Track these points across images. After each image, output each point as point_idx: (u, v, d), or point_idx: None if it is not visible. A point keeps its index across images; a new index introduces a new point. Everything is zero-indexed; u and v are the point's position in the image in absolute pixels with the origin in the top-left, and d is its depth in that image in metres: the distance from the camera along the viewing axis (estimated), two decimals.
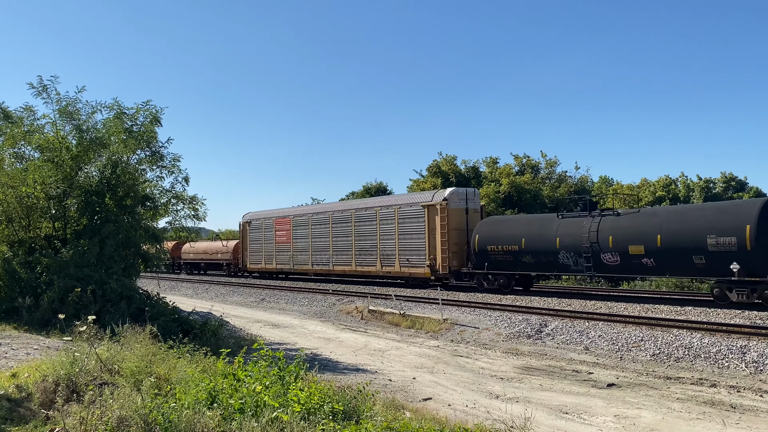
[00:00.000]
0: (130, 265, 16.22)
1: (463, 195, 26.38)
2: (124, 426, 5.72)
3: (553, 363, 13.26)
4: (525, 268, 22.57)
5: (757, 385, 10.84)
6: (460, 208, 25.94)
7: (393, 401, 8.56)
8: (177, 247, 48.78)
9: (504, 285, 23.10)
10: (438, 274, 25.58)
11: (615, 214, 20.16)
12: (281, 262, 35.52)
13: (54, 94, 15.82)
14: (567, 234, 20.89)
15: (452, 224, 25.44)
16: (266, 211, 39.64)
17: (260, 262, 37.49)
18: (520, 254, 22.21)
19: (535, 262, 21.95)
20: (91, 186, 16.08)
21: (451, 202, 25.71)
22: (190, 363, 8.54)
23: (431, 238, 25.82)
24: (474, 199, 26.79)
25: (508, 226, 23.61)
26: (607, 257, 19.62)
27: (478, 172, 45.86)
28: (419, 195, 28.56)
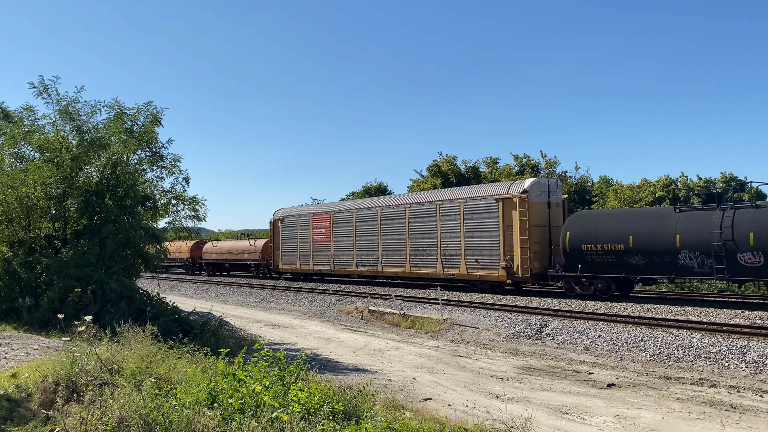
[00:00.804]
0: (130, 265, 16.22)
1: (545, 187, 23.22)
2: (124, 426, 5.72)
3: (553, 363, 13.26)
4: (632, 271, 19.38)
5: (757, 385, 10.84)
6: (542, 202, 22.77)
7: (393, 401, 8.56)
8: (197, 246, 47.64)
9: (602, 290, 20.09)
10: (516, 277, 22.49)
11: (753, 206, 17.46)
12: (319, 263, 32.57)
13: (54, 94, 15.84)
14: (690, 230, 17.92)
15: (533, 220, 22.25)
16: (302, 207, 37.62)
17: (294, 262, 34.65)
18: (626, 254, 19.13)
19: (646, 263, 18.81)
20: (91, 186, 16.09)
21: (532, 195, 22.49)
22: (191, 363, 8.55)
23: (507, 236, 22.71)
24: (556, 191, 23.63)
25: (609, 222, 20.43)
26: (746, 258, 16.80)
27: (478, 172, 45.85)
28: (491, 187, 25.11)
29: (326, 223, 32.22)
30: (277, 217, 36.75)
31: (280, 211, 37.48)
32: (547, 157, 43.71)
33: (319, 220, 32.90)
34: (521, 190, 22.66)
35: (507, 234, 22.78)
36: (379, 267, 28.75)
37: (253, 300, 28.60)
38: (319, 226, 32.82)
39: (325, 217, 32.51)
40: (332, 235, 31.62)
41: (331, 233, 31.74)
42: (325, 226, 32.34)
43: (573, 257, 20.74)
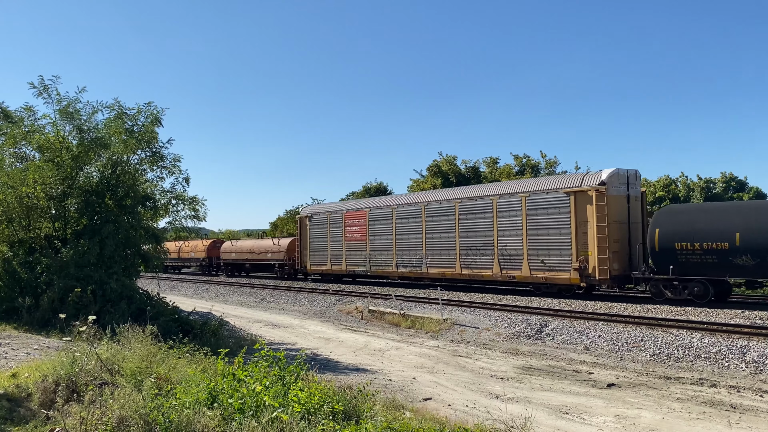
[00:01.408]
0: (130, 265, 16.22)
1: (624, 178, 20.53)
2: (125, 426, 5.72)
3: (553, 363, 13.25)
4: (737, 273, 17.27)
5: (757, 385, 10.84)
6: (621, 195, 20.34)
7: (393, 401, 8.55)
8: (214, 246, 45.89)
9: (699, 294, 17.84)
10: (591, 279, 20.24)
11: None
12: (354, 263, 30.18)
13: (55, 94, 15.85)
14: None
15: (612, 216, 19.87)
16: (333, 204, 35.32)
17: (324, 262, 32.26)
18: (731, 254, 16.96)
19: (757, 264, 16.61)
20: (92, 186, 16.09)
21: (611, 187, 20.07)
22: (191, 363, 8.55)
23: (581, 233, 20.35)
24: (635, 183, 20.96)
25: (709, 217, 18.02)
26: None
27: (478, 172, 45.84)
28: (560, 179, 22.48)
29: (361, 221, 29.80)
30: (305, 214, 34.34)
31: (308, 208, 35.58)
32: (547, 157, 43.67)
33: (352, 218, 30.50)
34: (598, 181, 20.21)
35: (580, 231, 20.44)
36: (423, 268, 26.21)
37: (253, 300, 28.60)
38: (352, 223, 30.42)
39: (360, 213, 30.03)
40: (368, 234, 29.22)
41: (366, 231, 29.32)
42: (359, 223, 29.92)
43: (663, 257, 18.41)
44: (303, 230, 34.16)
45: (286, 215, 60.34)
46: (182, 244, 47.76)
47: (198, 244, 46.39)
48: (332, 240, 31.85)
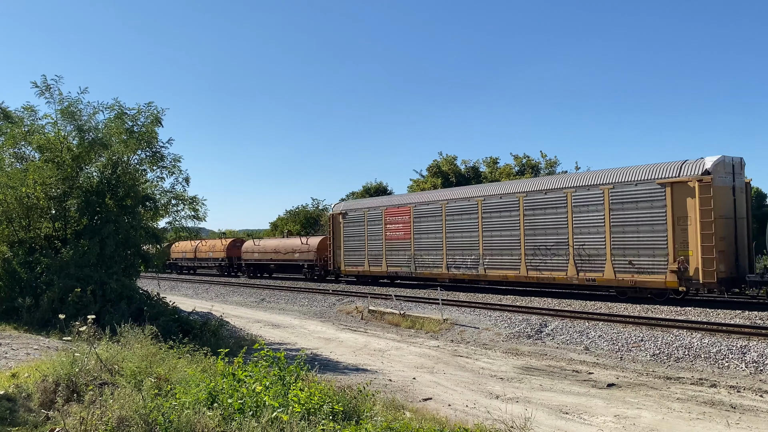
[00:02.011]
0: (130, 265, 16.23)
1: (730, 167, 18.16)
2: (125, 426, 5.72)
3: (553, 363, 13.25)
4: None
5: (757, 385, 10.84)
6: (726, 186, 17.97)
7: (393, 401, 8.55)
8: (234, 245, 43.73)
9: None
10: (693, 282, 17.76)
11: None
12: (395, 264, 27.79)
13: (57, 94, 15.88)
14: None
15: (718, 210, 17.49)
16: (370, 200, 32.95)
17: (361, 263, 29.88)
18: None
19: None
20: (92, 186, 16.09)
21: (717, 178, 17.61)
22: (190, 363, 8.55)
23: (678, 230, 17.93)
24: (741, 172, 18.52)
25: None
26: None
27: (478, 172, 45.86)
28: (651, 169, 19.41)
29: (404, 217, 27.38)
30: (339, 211, 31.57)
31: (342, 204, 32.76)
32: (547, 157, 43.72)
33: (394, 214, 28.07)
34: (701, 170, 17.68)
35: (678, 228, 17.99)
36: (480, 270, 23.75)
37: (253, 300, 28.60)
38: (394, 220, 27.97)
39: (403, 210, 27.59)
40: (413, 232, 26.81)
41: (411, 229, 26.90)
42: (402, 220, 27.50)
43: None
44: (336, 228, 31.51)
45: (286, 215, 60.31)
46: (199, 243, 46.33)
47: (216, 243, 45.10)
48: (370, 239, 29.32)
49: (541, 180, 24.37)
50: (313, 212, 58.40)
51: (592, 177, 21.03)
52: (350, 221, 30.84)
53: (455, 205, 25.29)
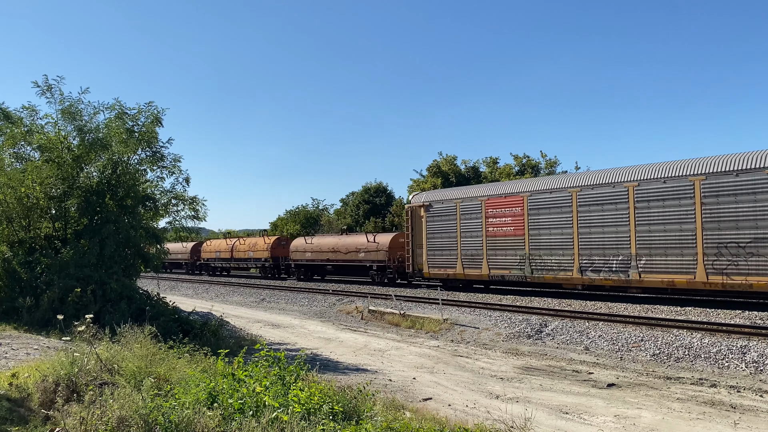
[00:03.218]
0: (130, 265, 16.23)
1: None
2: (125, 426, 5.72)
3: (553, 363, 13.25)
4: None
5: (757, 385, 10.84)
6: None
7: (393, 401, 8.55)
8: (279, 244, 39.90)
9: None
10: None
11: None
12: (501, 266, 23.32)
13: (58, 94, 15.90)
14: None
15: None
16: (464, 189, 27.14)
17: (451, 264, 25.28)
18: None
19: None
20: (92, 186, 16.10)
21: None
22: (191, 363, 8.55)
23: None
24: None
25: None
26: None
27: (478, 172, 45.85)
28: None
29: (515, 209, 22.90)
30: (420, 203, 27.08)
31: (424, 195, 28.01)
32: (547, 157, 43.72)
33: (499, 206, 23.58)
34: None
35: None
36: (631, 274, 19.22)
37: (253, 300, 28.60)
38: (499, 213, 23.53)
39: (513, 200, 23.04)
40: (527, 226, 22.37)
41: (525, 223, 22.46)
42: (512, 213, 23.03)
43: None
44: (416, 223, 27.13)
45: (286, 215, 60.28)
46: (236, 242, 43.58)
47: (258, 241, 41.35)
48: (465, 235, 24.76)
49: (729, 159, 17.72)
50: (313, 212, 58.36)
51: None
52: (436, 215, 26.14)
53: (593, 194, 20.45)
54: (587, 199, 20.64)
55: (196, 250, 48.81)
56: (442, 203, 26.06)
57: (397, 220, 46.51)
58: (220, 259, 44.88)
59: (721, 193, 17.47)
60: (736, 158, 17.48)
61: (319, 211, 58.88)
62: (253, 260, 41.23)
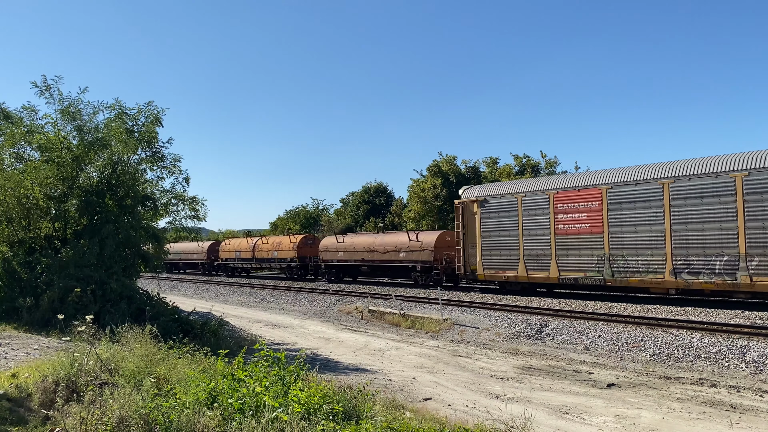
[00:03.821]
0: (130, 265, 16.24)
1: None
2: (125, 426, 5.72)
3: (553, 363, 13.25)
4: None
5: (757, 385, 10.84)
6: None
7: (393, 401, 8.55)
8: (306, 243, 37.29)
9: None
10: None
11: None
12: (573, 267, 20.92)
13: (57, 94, 15.91)
14: None
15: None
16: (526, 182, 24.46)
17: (512, 266, 22.77)
18: None
19: None
20: (92, 186, 16.11)
21: None
22: (190, 363, 8.55)
23: None
24: None
25: None
26: None
27: (478, 172, 45.84)
28: None
29: (591, 203, 20.53)
30: (472, 198, 24.55)
31: (477, 189, 25.23)
32: (547, 157, 43.71)
33: (571, 200, 21.15)
34: None
35: None
36: (740, 276, 16.91)
37: (253, 300, 28.59)
38: (571, 208, 21.12)
39: (589, 194, 20.63)
40: (607, 222, 20.01)
41: (604, 219, 20.10)
42: (587, 207, 20.67)
43: None
44: (468, 220, 24.67)
45: (286, 215, 60.28)
46: (258, 240, 41.24)
47: (283, 240, 38.69)
48: (528, 233, 22.35)
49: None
50: (313, 212, 58.36)
51: None
52: (492, 210, 23.65)
53: (690, 185, 18.04)
54: (683, 192, 18.25)
55: (213, 249, 46.77)
56: (500, 198, 23.44)
57: (396, 220, 46.47)
58: (240, 259, 42.23)
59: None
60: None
61: (319, 211, 58.89)
62: (277, 260, 38.40)
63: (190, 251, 48.21)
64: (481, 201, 24.11)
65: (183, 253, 49.43)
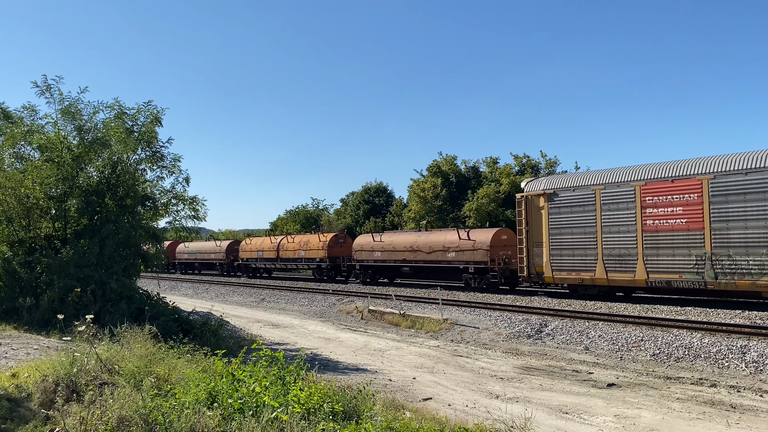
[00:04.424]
0: (130, 265, 16.24)
1: None
2: (124, 426, 5.72)
3: (553, 363, 13.25)
4: None
5: (757, 385, 10.84)
6: None
7: (393, 401, 8.55)
8: (336, 242, 34.76)
9: None
10: None
11: None
12: (667, 269, 18.51)
13: (57, 94, 15.91)
14: None
15: None
16: (606, 173, 21.09)
17: (587, 267, 20.48)
18: None
19: None
20: (91, 186, 16.11)
21: None
22: (190, 363, 8.55)
23: None
24: None
25: None
26: None
27: (478, 172, 45.81)
28: None
29: (688, 196, 18.19)
30: (538, 191, 22.17)
31: (544, 181, 22.76)
32: (547, 157, 43.67)
33: (662, 192, 18.83)
34: None
35: None
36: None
37: (253, 300, 28.59)
38: (663, 202, 18.77)
39: (686, 185, 18.27)
40: (709, 217, 17.67)
41: (705, 213, 17.76)
42: (683, 201, 18.30)
43: None
44: (533, 216, 22.30)
45: (286, 215, 60.25)
46: (283, 239, 38.53)
47: (311, 239, 36.01)
48: (608, 230, 20.02)
49: None
50: (313, 212, 58.33)
51: None
52: (563, 205, 21.28)
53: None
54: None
55: (232, 249, 44.44)
56: (573, 191, 21.04)
57: (396, 220, 46.45)
58: (263, 260, 39.66)
59: None
60: None
61: (319, 211, 58.87)
62: (304, 260, 35.76)
63: (207, 251, 46.08)
64: (549, 194, 21.73)
65: (199, 253, 47.63)
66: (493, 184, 40.40)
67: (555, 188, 21.73)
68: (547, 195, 21.79)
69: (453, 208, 40.95)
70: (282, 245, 37.89)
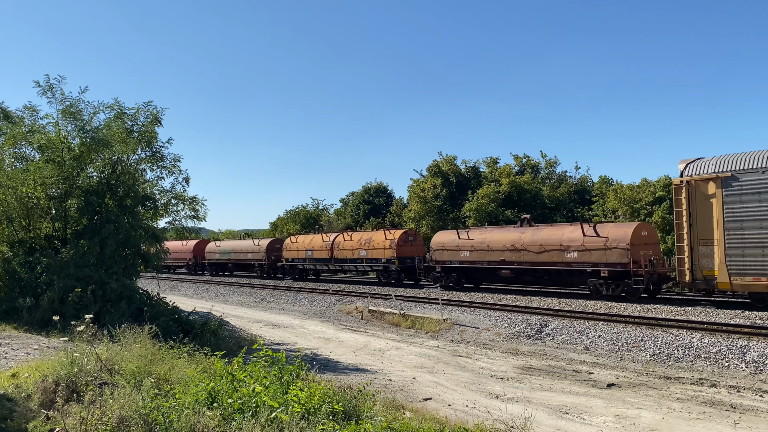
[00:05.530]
0: (130, 265, 16.23)
1: None
2: (124, 426, 5.72)
3: (553, 363, 13.25)
4: None
5: (757, 385, 10.84)
6: None
7: (393, 401, 8.55)
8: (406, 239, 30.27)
9: None
10: None
11: None
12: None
13: (59, 93, 15.91)
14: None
15: None
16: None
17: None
18: None
19: None
20: (92, 186, 16.11)
21: None
22: (190, 363, 8.55)
23: None
24: None
25: None
26: None
27: (478, 172, 45.79)
28: None
29: None
30: (707, 175, 17.59)
31: (713, 162, 17.80)
32: (547, 157, 43.68)
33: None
34: None
35: None
36: None
37: (253, 300, 28.58)
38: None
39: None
40: None
41: None
42: None
43: None
44: (698, 207, 17.63)
45: (286, 215, 60.19)
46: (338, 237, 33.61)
47: (375, 237, 31.09)
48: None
49: None
50: (313, 212, 58.30)
51: None
52: (746, 191, 16.66)
53: None
54: None
55: (273, 248, 39.36)
56: (762, 173, 16.35)
57: (396, 220, 46.43)
58: (313, 260, 34.66)
59: None
60: None
61: (319, 211, 58.83)
62: (367, 261, 31.02)
63: (243, 250, 41.19)
64: (724, 179, 17.12)
65: (233, 252, 42.55)
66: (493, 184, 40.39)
67: (733, 171, 17.03)
68: (722, 179, 17.14)
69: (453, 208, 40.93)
70: (337, 244, 33.05)
